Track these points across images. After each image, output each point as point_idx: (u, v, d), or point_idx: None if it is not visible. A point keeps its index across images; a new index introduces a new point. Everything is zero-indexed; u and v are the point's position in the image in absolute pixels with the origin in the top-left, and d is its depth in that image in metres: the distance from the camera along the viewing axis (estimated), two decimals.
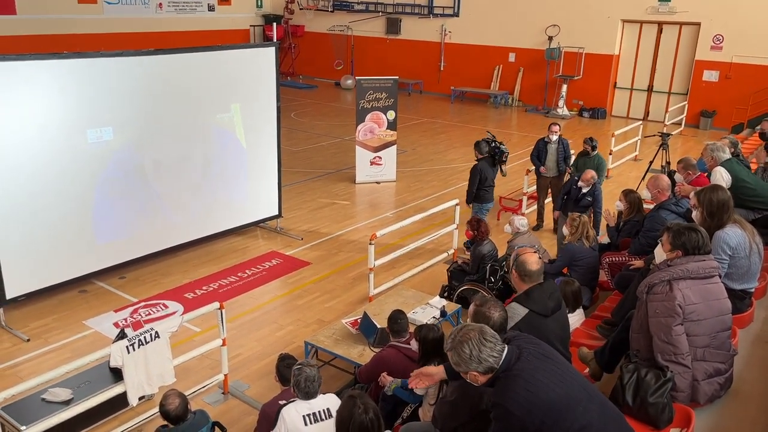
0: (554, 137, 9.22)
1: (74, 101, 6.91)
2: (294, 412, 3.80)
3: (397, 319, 4.92)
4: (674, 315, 3.63)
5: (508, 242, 7.32)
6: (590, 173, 8.09)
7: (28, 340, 6.54)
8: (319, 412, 3.83)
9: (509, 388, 2.78)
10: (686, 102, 17.47)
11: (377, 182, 11.96)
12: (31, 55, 6.69)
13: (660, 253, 4.03)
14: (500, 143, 8.62)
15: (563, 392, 2.78)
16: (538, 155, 9.41)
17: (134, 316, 7.02)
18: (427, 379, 3.60)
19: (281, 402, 3.93)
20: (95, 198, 7.33)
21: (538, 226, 9.76)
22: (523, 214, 9.24)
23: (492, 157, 8.51)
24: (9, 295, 6.73)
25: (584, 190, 8.04)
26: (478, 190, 8.44)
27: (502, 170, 8.72)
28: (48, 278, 7.08)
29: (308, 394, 3.86)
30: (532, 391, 2.75)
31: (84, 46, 16.95)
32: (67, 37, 18.25)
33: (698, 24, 17.15)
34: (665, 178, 6.29)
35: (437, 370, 3.60)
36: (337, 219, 10.16)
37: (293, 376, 3.90)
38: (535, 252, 3.98)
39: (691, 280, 3.72)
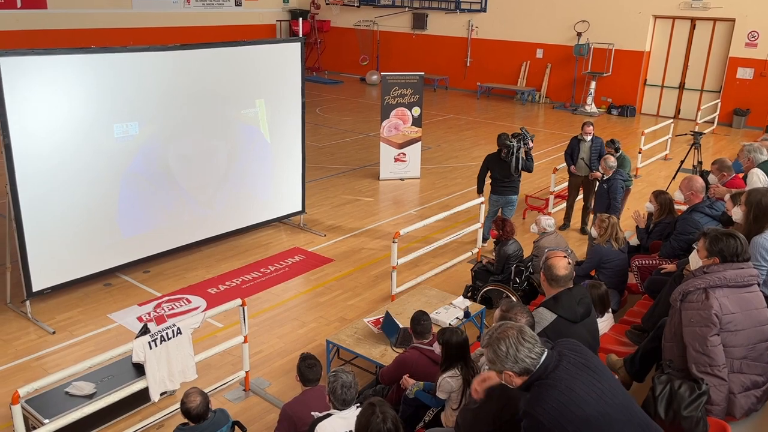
0: (588, 138, 9.04)
1: (101, 96, 6.94)
2: (329, 430, 3.64)
3: (420, 320, 4.84)
4: (710, 325, 3.49)
5: (534, 242, 7.19)
6: (605, 160, 8.08)
7: (54, 333, 6.61)
8: None
9: (542, 397, 2.69)
10: (719, 100, 17.04)
11: (401, 179, 11.88)
12: (60, 50, 6.75)
13: (696, 260, 3.88)
14: (510, 136, 8.34)
15: (599, 408, 2.67)
16: (571, 153, 9.23)
17: (158, 311, 7.05)
18: (486, 382, 3.24)
19: (315, 414, 3.77)
20: (121, 192, 7.37)
21: (564, 226, 9.58)
22: (549, 214, 9.08)
23: (505, 151, 8.29)
24: (35, 288, 6.80)
25: (604, 178, 8.06)
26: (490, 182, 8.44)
27: (511, 165, 8.21)
28: (73, 271, 7.14)
29: (345, 402, 3.71)
30: (565, 403, 2.65)
31: (113, 41, 17.18)
32: (96, 31, 18.50)
33: (733, 20, 16.69)
34: (699, 180, 6.10)
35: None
36: (360, 216, 10.11)
37: (328, 383, 3.74)
38: (565, 256, 3.86)
39: (729, 288, 3.58)
